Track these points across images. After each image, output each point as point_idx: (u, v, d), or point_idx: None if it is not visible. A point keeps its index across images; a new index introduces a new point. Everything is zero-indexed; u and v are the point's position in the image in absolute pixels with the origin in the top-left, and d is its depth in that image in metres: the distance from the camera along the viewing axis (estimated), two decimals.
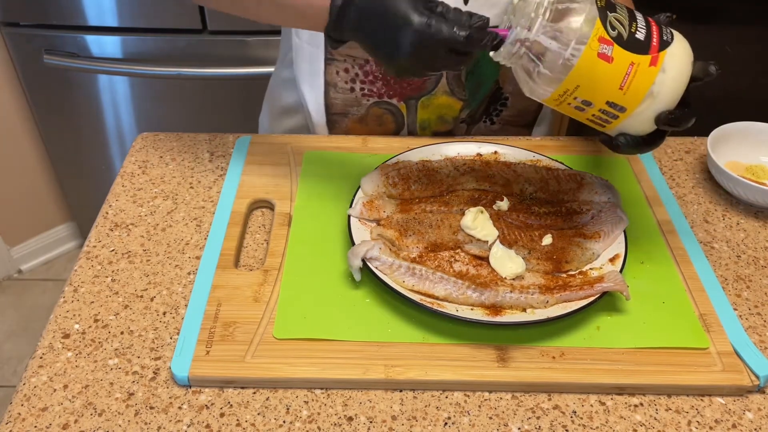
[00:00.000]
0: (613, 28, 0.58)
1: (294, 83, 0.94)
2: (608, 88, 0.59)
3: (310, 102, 0.92)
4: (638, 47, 0.59)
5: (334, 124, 0.94)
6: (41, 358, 0.63)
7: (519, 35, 0.59)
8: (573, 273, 0.69)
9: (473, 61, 0.68)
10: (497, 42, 0.62)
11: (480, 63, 0.89)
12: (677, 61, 0.60)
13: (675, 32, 0.62)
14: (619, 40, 0.58)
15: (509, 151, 0.85)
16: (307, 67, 0.90)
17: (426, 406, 0.60)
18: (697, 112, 0.62)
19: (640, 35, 0.59)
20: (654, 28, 0.60)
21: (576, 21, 0.58)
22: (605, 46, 0.58)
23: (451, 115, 0.93)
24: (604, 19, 0.58)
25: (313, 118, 0.93)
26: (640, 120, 0.62)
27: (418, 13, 0.61)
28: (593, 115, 0.62)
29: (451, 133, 0.95)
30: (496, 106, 0.95)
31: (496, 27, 0.84)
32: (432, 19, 0.60)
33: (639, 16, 0.61)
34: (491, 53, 0.63)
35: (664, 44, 0.60)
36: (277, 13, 0.72)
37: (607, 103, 0.60)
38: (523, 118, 0.98)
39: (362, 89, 0.90)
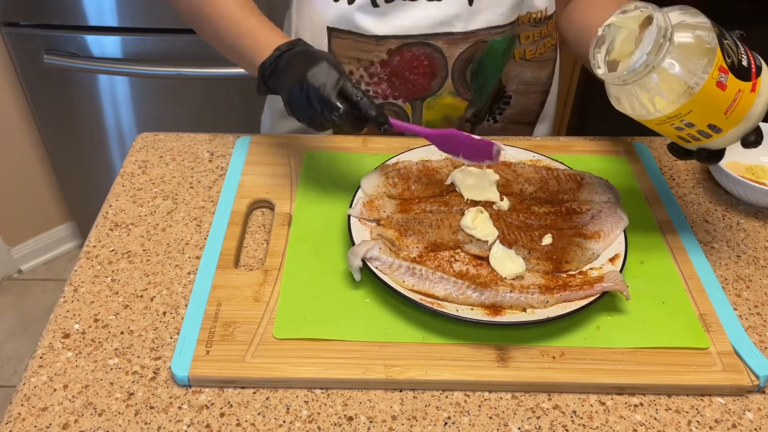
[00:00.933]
0: (729, 56, 0.60)
1: None
2: (715, 113, 0.61)
3: None
4: (744, 74, 0.60)
5: None
6: (41, 358, 0.63)
7: (647, 61, 0.59)
8: (573, 273, 0.69)
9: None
10: (385, 124, 0.68)
11: (484, 63, 0.89)
12: (767, 85, 0.62)
13: (758, 55, 0.63)
14: (732, 68, 0.60)
15: (509, 151, 0.85)
16: None
17: (426, 406, 0.60)
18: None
19: (744, 62, 0.61)
20: (749, 53, 0.62)
21: (703, 49, 0.59)
22: (723, 74, 0.59)
23: (456, 115, 0.93)
24: (722, 47, 0.59)
25: None
26: (726, 140, 0.64)
27: (330, 59, 0.70)
28: (688, 134, 0.64)
29: None
30: (499, 104, 0.95)
31: (500, 27, 0.85)
32: (340, 68, 0.69)
33: (738, 41, 0.62)
34: (597, 72, 0.64)
35: (758, 69, 0.62)
36: (234, 56, 0.82)
37: (708, 125, 0.62)
38: (526, 116, 0.98)
39: (367, 91, 0.90)
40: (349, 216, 0.74)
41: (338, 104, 0.68)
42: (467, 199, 0.75)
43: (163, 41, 1.53)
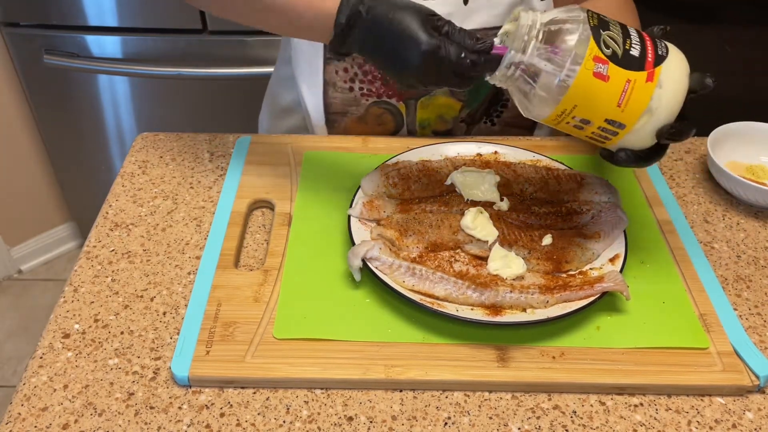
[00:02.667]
0: (607, 47, 0.58)
1: (293, 82, 0.94)
2: (606, 106, 0.60)
3: (309, 101, 0.92)
4: (633, 64, 0.59)
5: (333, 124, 0.93)
6: (41, 358, 0.63)
7: (513, 58, 0.59)
8: (573, 273, 0.69)
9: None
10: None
11: None
12: (673, 76, 0.60)
13: (670, 45, 0.62)
14: (613, 58, 0.58)
15: (509, 151, 0.85)
16: (306, 65, 0.90)
17: (426, 406, 0.60)
18: (696, 123, 0.62)
19: (635, 52, 0.59)
20: (648, 44, 0.60)
21: (569, 42, 0.58)
22: (600, 65, 0.58)
23: (450, 114, 0.93)
24: (597, 38, 0.58)
25: (311, 118, 0.93)
26: (640, 135, 0.62)
27: (427, 34, 0.62)
28: (592, 132, 0.62)
29: (451, 132, 0.95)
30: (496, 107, 0.95)
31: (497, 28, 0.85)
32: (440, 41, 0.61)
33: (633, 32, 0.61)
34: (486, 78, 0.63)
35: (659, 59, 0.60)
36: (284, 25, 0.72)
37: (606, 120, 0.60)
38: (524, 120, 0.98)
39: (361, 89, 0.90)
40: (349, 216, 0.74)
41: (464, 83, 0.63)
42: (467, 200, 0.75)
43: (163, 41, 1.53)
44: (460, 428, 0.58)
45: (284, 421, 0.58)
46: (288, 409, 0.59)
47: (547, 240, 0.71)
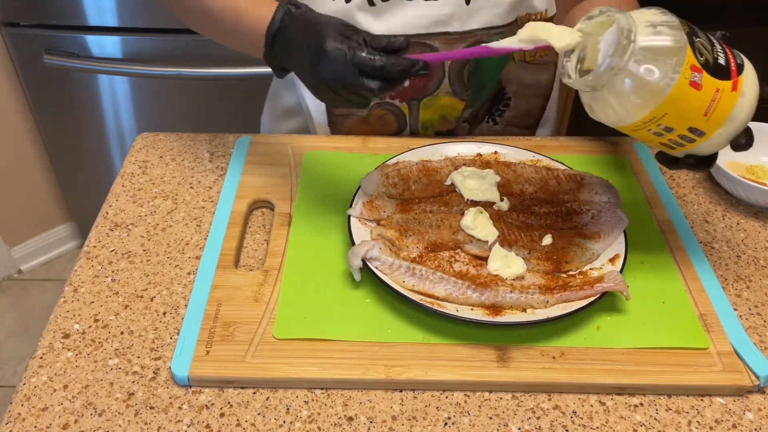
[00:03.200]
0: (701, 55, 0.57)
1: (294, 84, 0.94)
2: (694, 115, 0.58)
3: (311, 103, 0.92)
4: (722, 73, 0.58)
5: (335, 125, 0.93)
6: (41, 358, 0.63)
7: (611, 63, 0.57)
8: (573, 273, 0.69)
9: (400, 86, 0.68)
10: (420, 69, 0.62)
11: (481, 64, 0.88)
12: (752, 85, 0.60)
13: (740, 53, 0.61)
14: (706, 66, 0.57)
15: (509, 151, 0.85)
16: None
17: (426, 406, 0.60)
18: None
19: (722, 60, 0.58)
20: (728, 52, 0.60)
21: (669, 48, 0.57)
22: (696, 74, 0.57)
23: (453, 115, 0.93)
24: (693, 46, 0.57)
25: (314, 119, 0.93)
26: (714, 143, 0.61)
27: (334, 41, 0.62)
28: (670, 140, 0.61)
29: (454, 132, 0.95)
30: (498, 106, 0.95)
31: (498, 27, 0.85)
32: (347, 46, 0.62)
33: (714, 40, 0.60)
34: (566, 80, 0.62)
35: (740, 68, 0.59)
36: (226, 36, 0.78)
37: (689, 128, 0.59)
38: (526, 120, 0.98)
39: None
40: (349, 216, 0.74)
41: (370, 85, 0.62)
42: (467, 200, 0.75)
43: (163, 41, 1.53)
44: (460, 428, 0.58)
45: (284, 422, 0.58)
46: (288, 409, 0.59)
47: (547, 240, 0.71)
